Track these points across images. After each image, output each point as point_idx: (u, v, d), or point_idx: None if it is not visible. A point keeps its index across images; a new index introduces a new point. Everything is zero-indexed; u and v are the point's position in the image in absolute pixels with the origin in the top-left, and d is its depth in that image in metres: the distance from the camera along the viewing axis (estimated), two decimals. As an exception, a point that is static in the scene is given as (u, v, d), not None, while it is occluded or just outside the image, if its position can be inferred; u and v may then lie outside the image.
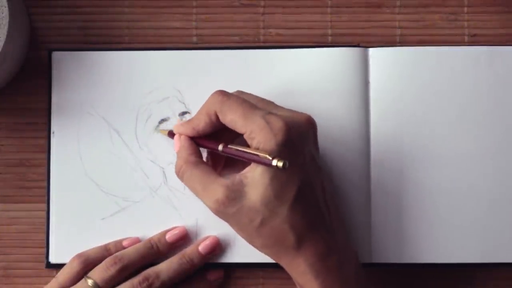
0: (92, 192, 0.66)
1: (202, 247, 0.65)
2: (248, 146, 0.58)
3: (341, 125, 0.65)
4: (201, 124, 0.60)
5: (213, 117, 0.59)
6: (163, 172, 0.66)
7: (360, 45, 0.67)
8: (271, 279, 0.67)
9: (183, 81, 0.67)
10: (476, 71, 0.66)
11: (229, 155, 0.59)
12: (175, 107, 0.67)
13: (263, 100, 0.61)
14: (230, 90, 0.61)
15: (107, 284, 0.63)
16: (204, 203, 0.59)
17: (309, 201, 0.58)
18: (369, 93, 0.66)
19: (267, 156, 0.55)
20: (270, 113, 0.58)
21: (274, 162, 0.55)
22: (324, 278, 0.58)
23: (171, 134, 0.64)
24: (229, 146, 0.59)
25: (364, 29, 0.68)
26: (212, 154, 0.63)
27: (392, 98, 0.66)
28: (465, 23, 0.68)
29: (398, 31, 0.68)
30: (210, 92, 0.61)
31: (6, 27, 0.61)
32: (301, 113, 0.60)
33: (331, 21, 0.68)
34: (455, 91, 0.66)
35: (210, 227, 0.66)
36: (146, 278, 0.63)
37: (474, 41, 0.68)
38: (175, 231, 0.65)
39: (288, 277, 0.61)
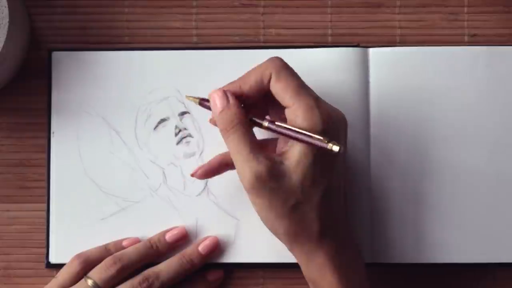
0: (92, 192, 0.66)
1: (202, 247, 0.65)
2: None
3: (341, 125, 0.65)
4: (250, 83, 0.58)
5: (266, 79, 0.58)
6: (163, 172, 0.66)
7: (360, 45, 0.67)
8: (272, 279, 0.67)
9: (183, 81, 0.67)
10: (476, 71, 0.66)
11: (274, 131, 0.57)
12: (175, 107, 0.67)
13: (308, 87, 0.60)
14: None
15: (107, 284, 0.63)
16: (240, 172, 0.57)
17: (336, 194, 0.58)
18: (369, 93, 0.66)
19: (322, 139, 0.55)
20: (318, 97, 0.57)
21: (330, 146, 0.54)
22: (343, 272, 0.58)
23: (203, 100, 0.60)
24: (276, 123, 0.57)
25: (364, 29, 0.68)
26: None
27: (392, 98, 0.66)
28: (465, 23, 0.68)
29: (398, 31, 0.68)
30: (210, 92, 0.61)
31: (6, 27, 0.61)
32: (339, 110, 0.59)
33: (331, 21, 0.68)
34: (455, 91, 0.66)
35: (210, 227, 0.66)
36: (146, 278, 0.63)
37: (474, 41, 0.68)
38: (175, 231, 0.65)
39: (289, 277, 0.61)
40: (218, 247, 0.65)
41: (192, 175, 0.63)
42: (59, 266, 0.65)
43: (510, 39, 0.68)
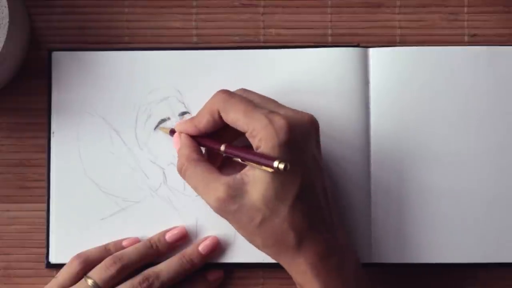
0: (92, 192, 0.66)
1: (202, 247, 0.65)
2: (249, 145, 0.58)
3: (341, 125, 0.65)
4: (203, 122, 0.60)
5: (216, 115, 0.59)
6: (163, 172, 0.66)
7: (360, 45, 0.67)
8: (272, 279, 0.67)
9: (183, 81, 0.67)
10: (476, 71, 0.66)
11: (230, 155, 0.59)
12: (175, 107, 0.67)
13: (266, 98, 0.61)
14: (231, 89, 0.61)
15: (107, 284, 0.63)
16: (205, 201, 0.59)
17: (310, 201, 0.58)
18: (369, 93, 0.66)
19: (269, 158, 0.55)
20: (272, 111, 0.58)
21: (275, 164, 0.55)
22: (324, 278, 0.58)
23: (172, 132, 0.64)
24: (231, 146, 0.59)
25: (364, 29, 0.68)
26: (209, 153, 0.63)
27: (392, 98, 0.66)
28: (465, 23, 0.68)
29: (398, 31, 0.68)
30: (210, 92, 0.61)
31: (6, 27, 0.61)
32: (304, 112, 0.60)
33: (331, 21, 0.68)
34: (455, 91, 0.66)
35: (210, 227, 0.66)
36: (146, 278, 0.63)
37: (474, 41, 0.68)
38: (175, 231, 0.65)
39: (289, 277, 0.60)
40: (218, 247, 0.65)
41: None
42: (59, 266, 0.65)
43: (510, 39, 0.68)
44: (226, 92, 0.60)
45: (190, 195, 0.66)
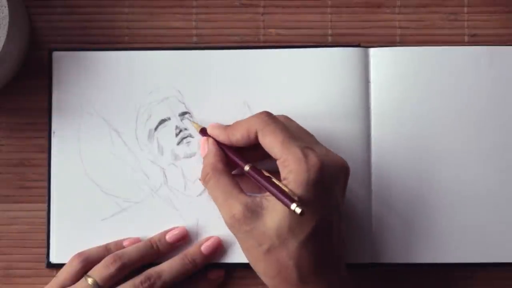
0: (93, 192, 0.66)
1: (204, 248, 0.65)
2: (274, 169, 0.58)
3: (342, 125, 0.65)
4: (237, 136, 0.60)
5: (252, 135, 0.59)
6: (164, 172, 0.66)
7: (361, 45, 0.67)
8: (272, 279, 0.67)
9: (183, 81, 0.67)
10: (476, 71, 0.66)
11: (252, 177, 0.59)
12: (175, 108, 0.67)
13: (304, 130, 0.61)
14: (231, 89, 0.61)
15: (107, 282, 0.63)
16: (221, 214, 0.59)
17: (323, 242, 0.57)
18: (370, 93, 0.66)
19: (289, 197, 0.54)
20: (308, 147, 0.57)
21: (293, 206, 0.54)
22: None
23: (202, 131, 0.63)
24: (255, 169, 0.59)
25: (364, 29, 0.68)
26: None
27: (393, 98, 0.66)
28: (465, 23, 0.68)
29: (398, 31, 0.68)
30: (210, 92, 0.62)
31: (6, 27, 0.61)
32: (338, 156, 0.59)
33: (331, 21, 0.68)
34: (455, 91, 0.66)
35: (211, 227, 0.66)
36: (148, 278, 0.63)
37: (474, 41, 0.68)
38: (175, 231, 0.65)
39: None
40: (220, 248, 0.65)
41: None
42: (60, 266, 0.65)
43: (510, 39, 0.68)
44: (268, 114, 0.59)
45: (191, 195, 0.66)
